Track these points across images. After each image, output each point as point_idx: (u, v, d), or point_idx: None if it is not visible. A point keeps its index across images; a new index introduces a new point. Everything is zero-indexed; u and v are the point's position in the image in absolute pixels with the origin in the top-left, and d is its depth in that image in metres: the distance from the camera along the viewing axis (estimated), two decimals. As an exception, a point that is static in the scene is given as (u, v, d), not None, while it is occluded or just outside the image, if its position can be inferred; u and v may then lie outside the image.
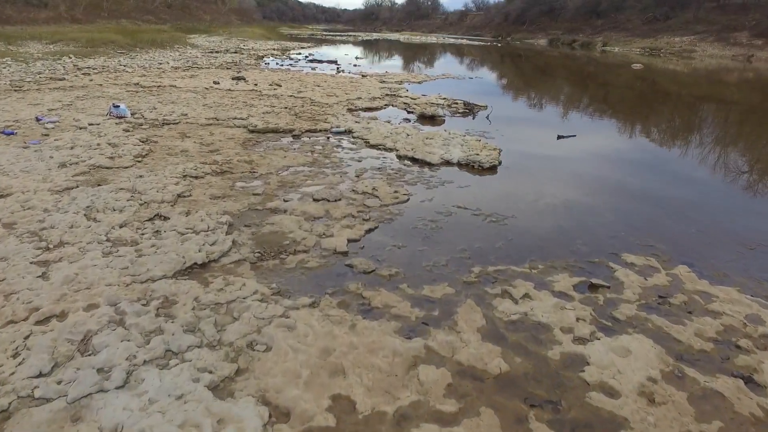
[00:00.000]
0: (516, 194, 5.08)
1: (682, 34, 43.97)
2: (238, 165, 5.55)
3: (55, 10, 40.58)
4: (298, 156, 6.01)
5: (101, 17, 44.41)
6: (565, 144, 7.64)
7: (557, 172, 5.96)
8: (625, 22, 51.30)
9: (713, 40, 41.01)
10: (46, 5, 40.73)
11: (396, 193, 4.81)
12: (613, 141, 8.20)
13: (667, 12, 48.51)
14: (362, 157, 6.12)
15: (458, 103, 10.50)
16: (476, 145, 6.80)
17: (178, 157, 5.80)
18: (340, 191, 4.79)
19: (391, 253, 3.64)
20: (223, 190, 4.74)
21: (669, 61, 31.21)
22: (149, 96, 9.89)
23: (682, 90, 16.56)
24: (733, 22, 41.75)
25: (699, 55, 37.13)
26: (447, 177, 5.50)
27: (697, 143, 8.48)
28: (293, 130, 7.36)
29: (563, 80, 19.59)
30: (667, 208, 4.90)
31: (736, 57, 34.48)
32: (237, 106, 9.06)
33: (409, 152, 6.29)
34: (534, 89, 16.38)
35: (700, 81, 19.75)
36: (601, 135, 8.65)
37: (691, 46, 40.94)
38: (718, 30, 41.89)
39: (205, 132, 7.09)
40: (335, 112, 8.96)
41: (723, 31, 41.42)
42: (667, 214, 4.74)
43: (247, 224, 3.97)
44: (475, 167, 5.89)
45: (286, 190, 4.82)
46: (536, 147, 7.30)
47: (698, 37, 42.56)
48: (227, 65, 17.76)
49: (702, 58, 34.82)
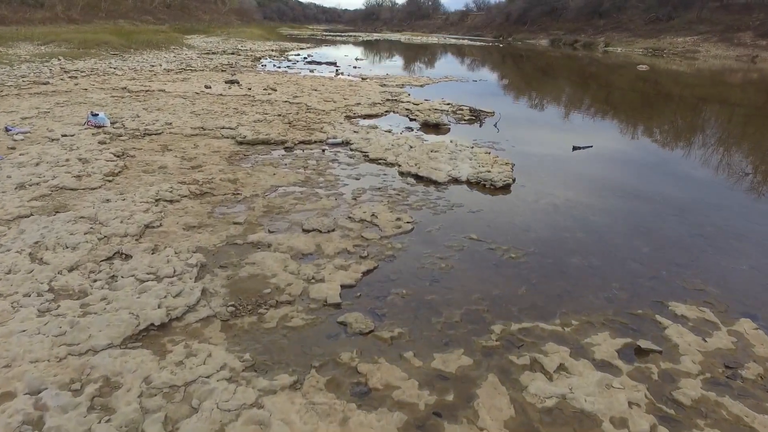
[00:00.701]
0: (535, 221, 4.46)
1: (685, 35, 43.49)
2: (220, 185, 4.93)
3: (51, 10, 40.04)
4: (289, 173, 5.39)
5: (99, 17, 43.86)
6: (582, 156, 7.02)
7: (578, 192, 5.34)
8: (628, 22, 50.87)
9: (717, 40, 40.48)
10: (42, 5, 40.20)
11: (398, 221, 4.20)
12: (632, 152, 7.58)
13: (669, 12, 48.09)
14: (360, 174, 5.50)
15: (464, 109, 9.88)
16: (486, 158, 6.18)
17: (155, 175, 5.19)
18: (334, 219, 4.17)
19: (393, 304, 3.02)
20: (200, 217, 4.13)
21: (672, 62, 30.63)
22: (135, 102, 9.28)
23: (695, 92, 15.93)
24: (736, 22, 41.31)
25: (702, 55, 36.62)
26: (456, 198, 4.88)
27: (729, 155, 7.85)
28: (285, 141, 6.74)
29: (569, 82, 18.97)
30: (709, 237, 4.28)
31: (740, 57, 33.98)
32: (227, 114, 8.44)
33: (413, 168, 5.68)
34: (541, 92, 15.75)
35: (711, 83, 19.11)
36: (619, 145, 8.02)
37: (695, 46, 40.43)
38: (721, 30, 41.47)
39: (188, 144, 6.48)
40: (332, 119, 8.35)
41: (727, 31, 40.94)
42: (709, 245, 4.12)
43: (223, 265, 3.35)
44: (487, 186, 5.27)
45: (272, 217, 4.21)
46: (551, 160, 6.68)
47: (701, 37, 42.05)
48: (222, 67, 17.14)
49: (705, 58, 34.27)
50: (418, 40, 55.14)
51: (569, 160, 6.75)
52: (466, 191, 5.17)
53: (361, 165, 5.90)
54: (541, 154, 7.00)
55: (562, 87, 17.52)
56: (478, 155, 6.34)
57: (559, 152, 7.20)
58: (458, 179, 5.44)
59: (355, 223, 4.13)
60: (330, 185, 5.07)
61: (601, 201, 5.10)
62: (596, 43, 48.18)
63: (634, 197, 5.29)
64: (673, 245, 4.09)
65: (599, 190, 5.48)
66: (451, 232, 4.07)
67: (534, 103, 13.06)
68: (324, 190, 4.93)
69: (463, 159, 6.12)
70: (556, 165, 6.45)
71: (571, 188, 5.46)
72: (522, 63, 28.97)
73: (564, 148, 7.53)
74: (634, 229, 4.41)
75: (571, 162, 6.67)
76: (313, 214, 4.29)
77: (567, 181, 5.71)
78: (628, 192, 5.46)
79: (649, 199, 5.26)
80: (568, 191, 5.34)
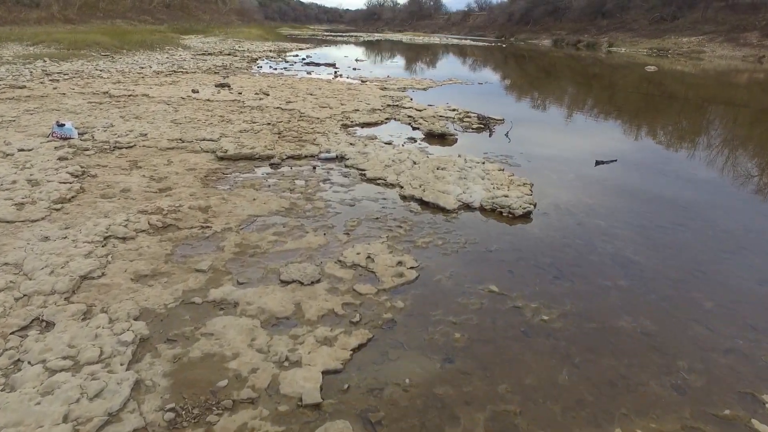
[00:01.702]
0: (565, 264, 3.66)
1: (690, 35, 42.91)
2: (188, 215, 4.15)
3: (47, 10, 39.43)
4: (272, 198, 4.60)
5: (96, 17, 43.24)
6: (607, 172, 6.22)
7: (610, 220, 4.54)
8: (631, 22, 50.38)
9: (722, 40, 39.83)
10: (38, 5, 39.60)
11: (400, 266, 3.41)
12: (662, 165, 6.77)
13: (674, 12, 47.58)
14: (356, 199, 4.71)
15: (471, 116, 9.08)
16: (501, 177, 5.39)
17: (114, 201, 4.41)
18: (320, 264, 3.39)
19: (393, 402, 2.23)
20: (155, 262, 3.34)
21: (677, 62, 29.95)
22: (113, 109, 8.51)
23: (714, 94, 15.10)
24: (742, 22, 40.75)
25: (708, 56, 35.96)
26: (469, 232, 4.09)
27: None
28: (272, 156, 5.96)
29: (577, 85, 18.15)
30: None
31: (747, 58, 33.34)
32: (211, 123, 7.66)
33: (417, 191, 4.89)
34: (550, 96, 14.94)
35: (728, 84, 18.27)
36: (646, 157, 7.21)
37: (700, 46, 39.79)
38: (727, 30, 40.94)
39: (161, 160, 5.70)
40: (327, 129, 7.56)
41: (732, 31, 40.32)
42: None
43: (172, 338, 2.57)
44: (504, 215, 4.48)
45: (244, 261, 3.42)
46: (572, 178, 5.88)
47: (707, 37, 41.42)
48: (216, 69, 16.37)
49: (711, 59, 33.59)
50: (420, 40, 54.37)
51: (593, 178, 5.95)
52: (481, 221, 4.37)
53: (357, 186, 5.11)
54: (561, 169, 6.20)
55: (571, 90, 16.71)
56: (491, 173, 5.55)
57: (580, 167, 6.40)
58: (470, 205, 4.65)
59: (347, 269, 3.35)
60: (319, 215, 4.27)
61: (639, 233, 4.30)
62: (599, 43, 47.53)
63: (678, 227, 4.49)
64: (740, 298, 3.29)
65: (635, 217, 4.68)
66: (465, 282, 3.28)
67: (544, 107, 12.25)
68: (311, 221, 4.14)
69: (475, 178, 5.32)
70: (580, 184, 5.65)
71: (601, 215, 4.66)
72: (526, 64, 28.17)
73: (584, 160, 6.73)
74: (687, 273, 3.61)
75: (595, 179, 5.88)
76: (296, 256, 3.50)
77: (595, 206, 4.91)
78: (669, 219, 4.66)
79: (696, 230, 4.46)
80: (598, 219, 4.54)
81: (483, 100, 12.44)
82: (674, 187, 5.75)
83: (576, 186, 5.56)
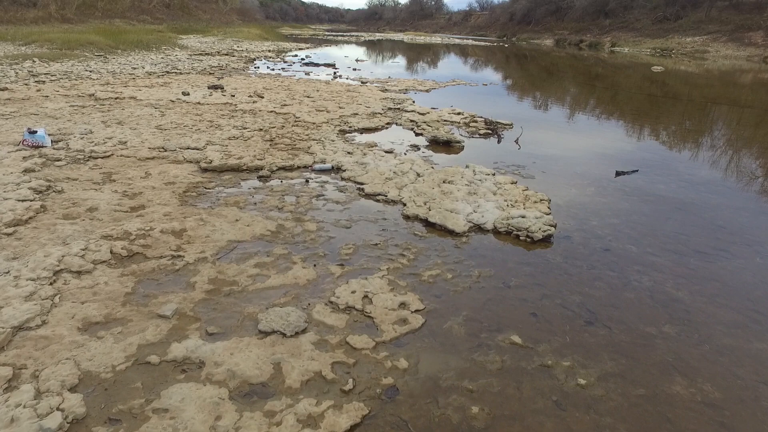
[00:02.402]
0: (598, 304, 3.11)
1: (693, 34, 42.52)
2: (159, 240, 3.60)
3: (44, 10, 38.99)
4: (257, 219, 4.05)
5: (95, 17, 42.80)
6: (629, 183, 5.66)
7: (641, 245, 3.99)
8: (634, 22, 50.04)
9: (726, 40, 39.37)
10: (35, 4, 39.21)
11: (403, 308, 2.86)
12: (689, 175, 6.19)
13: (677, 11, 47.20)
14: (352, 219, 4.16)
15: (478, 121, 8.52)
16: (514, 192, 4.84)
17: (77, 223, 3.87)
18: (308, 307, 2.84)
19: None
20: (111, 305, 2.80)
21: (681, 62, 29.43)
22: (95, 113, 7.97)
23: (729, 94, 14.51)
24: (747, 22, 40.37)
25: (712, 55, 35.49)
26: (481, 261, 3.54)
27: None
28: (261, 167, 5.41)
29: (584, 85, 17.57)
30: None
31: (752, 57, 32.87)
32: (198, 129, 7.11)
33: (422, 209, 4.33)
34: (557, 98, 14.38)
35: (740, 84, 17.69)
36: (669, 165, 6.64)
37: (704, 46, 39.36)
38: (731, 30, 40.58)
39: (138, 172, 5.16)
40: (323, 135, 7.01)
41: (737, 30, 39.90)
42: None
43: (115, 416, 2.02)
44: (522, 238, 3.93)
45: (217, 303, 2.87)
46: (593, 192, 5.33)
47: (710, 37, 40.98)
48: (211, 70, 15.84)
49: (715, 59, 33.10)
50: (421, 40, 53.83)
51: (615, 191, 5.40)
52: (495, 247, 3.82)
53: (354, 203, 4.56)
54: (578, 182, 5.65)
55: (579, 91, 16.14)
56: (503, 187, 4.99)
57: (598, 177, 5.85)
58: (482, 227, 4.09)
59: (339, 313, 2.80)
60: (309, 240, 3.72)
61: (677, 261, 3.74)
62: (602, 43, 47.07)
63: (719, 252, 3.93)
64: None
65: (669, 240, 4.13)
66: (481, 330, 2.73)
67: (553, 110, 11.68)
68: (300, 248, 3.59)
69: (486, 193, 4.77)
70: (602, 199, 5.09)
71: (630, 238, 4.10)
72: (530, 64, 27.60)
73: (603, 170, 6.18)
74: (742, 314, 3.06)
75: (618, 193, 5.32)
76: (279, 295, 2.95)
77: (622, 227, 4.35)
78: (708, 243, 4.10)
79: (742, 256, 3.90)
80: (628, 244, 3.99)
81: (488, 103, 11.89)
82: (706, 202, 5.19)
83: (598, 202, 5.00)
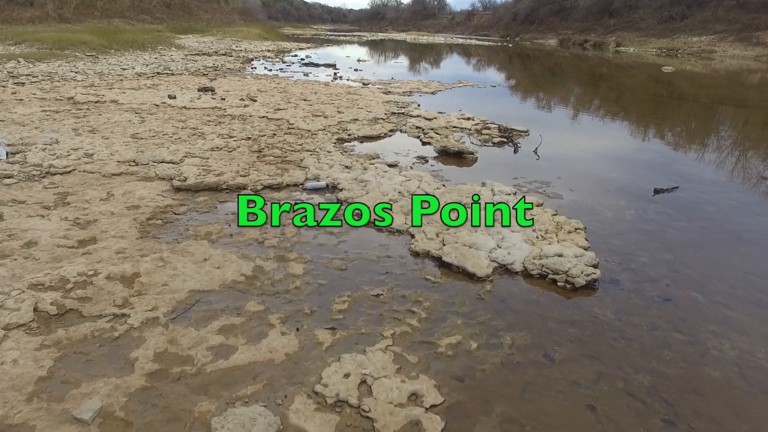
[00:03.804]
0: (675, 390, 2.31)
1: (700, 34, 41.82)
2: (102, 291, 2.82)
3: (41, 9, 38.41)
4: (230, 258, 3.27)
5: (93, 17, 42.20)
6: (672, 203, 4.86)
7: (711, 292, 3.19)
8: (639, 21, 49.39)
9: (734, 39, 38.63)
10: (32, 4, 38.64)
11: (414, 403, 2.07)
12: (738, 193, 5.38)
13: (683, 11, 46.49)
14: (349, 258, 3.38)
15: (491, 127, 7.73)
16: (543, 218, 4.05)
17: (5, 264, 3.09)
18: (282, 403, 2.06)
19: None
20: (11, 401, 2.02)
21: (688, 62, 28.58)
22: (69, 118, 7.21)
23: (759, 96, 13.67)
24: (755, 21, 39.65)
25: (719, 55, 34.69)
26: (513, 320, 2.75)
27: None
28: (244, 186, 4.64)
29: (596, 87, 16.73)
30: None
31: (760, 57, 32.06)
32: (179, 137, 6.34)
33: (434, 242, 3.55)
34: (571, 100, 13.55)
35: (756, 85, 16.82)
36: (710, 180, 5.81)
37: (711, 46, 38.62)
38: (738, 29, 39.90)
39: (99, 192, 4.38)
40: (318, 145, 6.23)
41: (744, 30, 39.18)
42: None
43: None
44: (560, 284, 3.14)
45: (159, 395, 2.09)
46: (633, 216, 4.52)
47: (717, 36, 40.25)
48: (205, 70, 15.09)
49: (723, 58, 32.29)
50: (424, 39, 53.06)
51: (658, 213, 4.59)
52: (528, 297, 3.03)
53: (352, 233, 3.77)
54: (613, 202, 4.85)
55: (591, 93, 15.31)
56: (529, 212, 4.20)
57: (635, 195, 5.05)
58: (509, 268, 3.30)
59: (326, 412, 2.01)
60: (293, 289, 2.94)
61: (759, 315, 2.94)
62: (607, 43, 46.33)
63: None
64: None
65: (742, 283, 3.32)
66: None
67: (568, 114, 10.85)
68: (280, 303, 2.80)
69: (508, 220, 3.98)
70: (645, 226, 4.29)
71: (693, 282, 3.31)
72: (536, 64, 26.77)
73: (638, 185, 5.39)
74: None
75: (662, 216, 4.52)
76: (246, 383, 2.17)
77: (679, 265, 3.55)
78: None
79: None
80: (692, 290, 3.19)
81: (498, 106, 11.10)
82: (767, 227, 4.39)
83: (641, 230, 4.20)
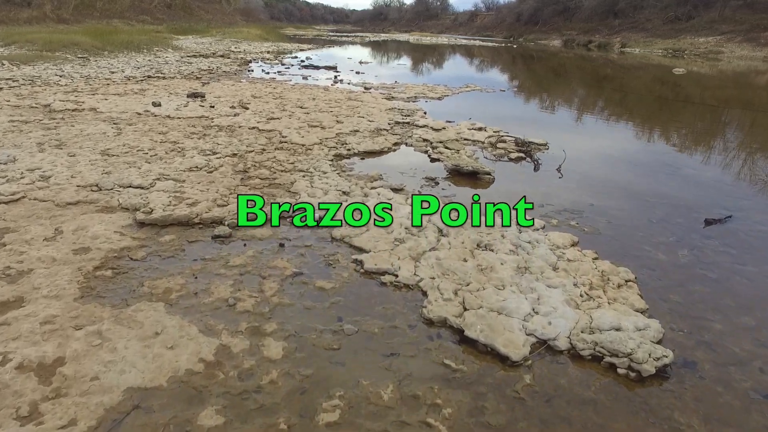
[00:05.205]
0: None
1: (706, 35, 41.24)
2: (7, 390, 2.06)
3: (39, 9, 37.86)
4: (189, 333, 2.50)
5: (92, 17, 41.61)
6: (729, 238, 4.08)
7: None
8: (645, 22, 48.86)
9: (741, 40, 38.00)
10: (29, 4, 38.12)
11: None
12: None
13: (689, 11, 45.91)
14: (344, 330, 2.60)
15: (507, 140, 6.95)
16: (584, 266, 3.27)
17: None
18: None
19: None
20: None
21: (694, 63, 27.75)
22: (37, 130, 6.47)
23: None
24: (762, 21, 39.14)
25: (726, 56, 33.96)
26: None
27: None
28: (221, 220, 3.87)
29: (608, 90, 15.93)
30: None
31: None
32: (156, 154, 5.59)
33: (452, 305, 2.77)
34: (587, 106, 12.75)
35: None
36: (766, 209, 5.05)
37: (717, 47, 37.95)
38: (746, 30, 39.37)
39: (46, 228, 3.63)
40: (312, 164, 5.47)
41: (752, 30, 38.58)
42: None
43: None
44: (620, 371, 2.36)
45: None
46: (687, 255, 3.74)
47: (724, 37, 39.63)
48: (199, 73, 14.36)
49: (730, 59, 31.55)
50: (427, 40, 52.32)
51: (717, 252, 3.81)
52: (581, 396, 2.25)
53: (348, 290, 3.00)
54: (662, 239, 4.06)
55: (607, 97, 14.51)
56: (564, 254, 3.43)
57: (685, 228, 4.27)
58: (552, 345, 2.53)
59: None
60: (267, 387, 2.16)
61: None
62: (612, 43, 45.65)
63: None
64: None
65: None
66: None
67: (587, 122, 10.04)
68: (247, 410, 2.03)
69: (543, 269, 3.20)
70: (706, 271, 3.51)
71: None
72: (543, 66, 25.97)
73: (683, 213, 4.62)
74: None
75: (723, 257, 3.74)
76: None
77: (763, 331, 2.78)
78: None
79: None
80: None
81: (510, 113, 10.33)
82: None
83: (703, 278, 3.42)
